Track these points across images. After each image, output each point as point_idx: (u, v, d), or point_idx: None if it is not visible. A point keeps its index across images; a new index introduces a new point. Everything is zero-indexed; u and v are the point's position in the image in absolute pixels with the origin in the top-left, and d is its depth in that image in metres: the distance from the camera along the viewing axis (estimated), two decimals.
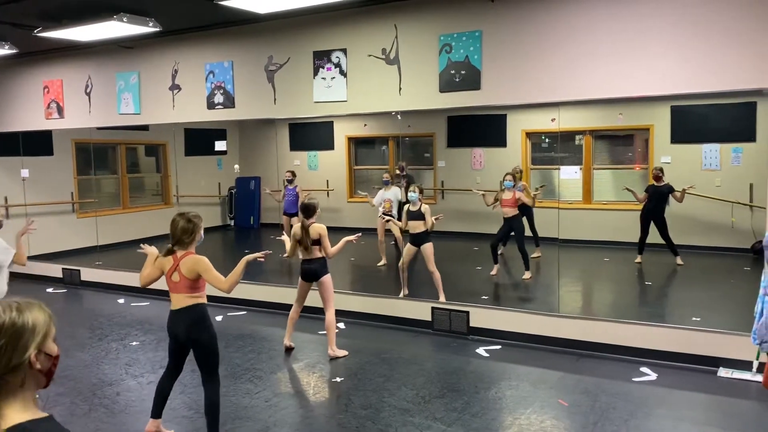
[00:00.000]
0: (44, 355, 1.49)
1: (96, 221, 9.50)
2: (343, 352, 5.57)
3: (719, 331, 5.08)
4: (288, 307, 5.82)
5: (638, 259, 8.31)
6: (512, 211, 7.67)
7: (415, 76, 6.21)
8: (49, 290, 8.62)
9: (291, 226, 9.00)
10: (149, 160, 11.89)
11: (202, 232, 3.86)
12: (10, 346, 1.43)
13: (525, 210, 7.97)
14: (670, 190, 8.03)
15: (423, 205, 6.62)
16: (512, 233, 7.76)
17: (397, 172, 9.04)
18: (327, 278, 5.52)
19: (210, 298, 3.90)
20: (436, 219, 6.51)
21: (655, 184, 8.13)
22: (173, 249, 3.80)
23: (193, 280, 3.74)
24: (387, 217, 7.53)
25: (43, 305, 1.54)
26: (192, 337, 3.76)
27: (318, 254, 5.48)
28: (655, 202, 8.09)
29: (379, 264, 8.68)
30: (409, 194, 6.70)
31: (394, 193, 8.55)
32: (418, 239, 6.61)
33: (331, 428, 4.17)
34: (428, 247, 6.56)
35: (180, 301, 3.77)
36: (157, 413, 3.95)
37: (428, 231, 6.58)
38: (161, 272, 3.87)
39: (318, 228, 5.41)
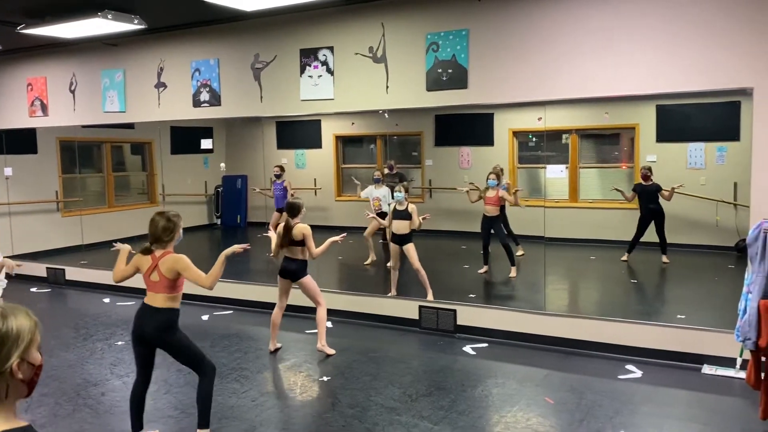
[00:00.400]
0: (27, 364, 1.43)
1: (81, 220, 9.42)
2: (331, 351, 5.55)
3: (704, 329, 5.12)
4: (274, 306, 5.80)
5: (625, 257, 8.36)
6: (495, 210, 7.71)
7: (403, 74, 6.21)
8: (33, 290, 8.53)
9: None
10: (135, 159, 11.80)
11: (181, 230, 3.80)
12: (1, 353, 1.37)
13: (501, 210, 8.01)
14: (657, 189, 8.07)
15: (410, 204, 6.62)
16: (492, 232, 7.77)
17: (386, 170, 9.02)
18: (306, 279, 5.48)
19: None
20: (423, 218, 6.51)
21: (643, 183, 8.18)
22: (151, 248, 3.74)
23: (172, 279, 3.68)
24: (371, 215, 7.54)
25: (29, 312, 1.47)
26: (162, 340, 3.72)
27: (300, 255, 5.43)
28: (648, 202, 8.12)
29: (365, 263, 8.67)
30: (395, 194, 6.69)
31: (384, 192, 8.54)
32: (401, 239, 6.61)
33: (318, 427, 4.16)
34: (410, 248, 6.57)
35: (157, 300, 3.71)
36: (137, 426, 3.87)
37: (413, 231, 6.59)
38: (136, 270, 3.80)
39: (302, 228, 5.33)
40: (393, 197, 6.85)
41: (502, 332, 5.87)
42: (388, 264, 7.75)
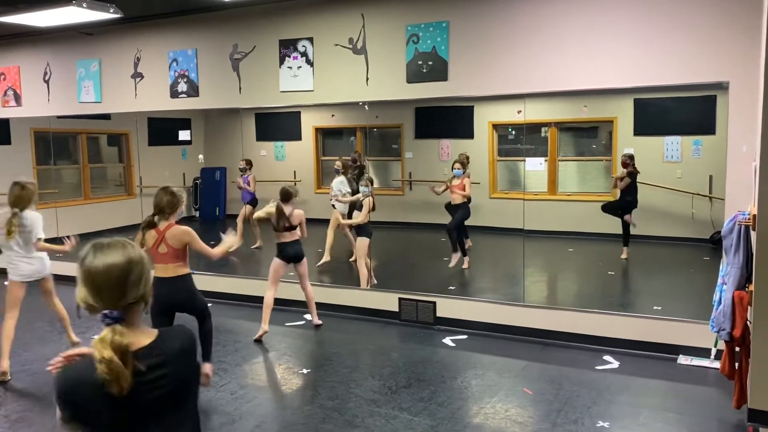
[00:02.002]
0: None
1: (56, 212, 9.26)
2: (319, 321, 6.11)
3: (679, 320, 5.19)
4: (253, 298, 5.79)
5: (624, 255, 8.27)
6: (460, 198, 7.78)
7: (383, 66, 6.18)
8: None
9: (245, 214, 9.16)
10: (111, 150, 11.62)
11: (183, 206, 4.18)
12: (144, 277, 1.63)
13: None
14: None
15: (366, 198, 6.81)
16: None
17: (350, 162, 9.07)
18: (305, 259, 5.97)
19: None
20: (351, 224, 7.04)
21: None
22: (154, 221, 4.07)
23: (180, 249, 4.04)
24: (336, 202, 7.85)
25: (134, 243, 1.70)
26: (192, 303, 4.21)
27: (297, 235, 5.79)
28: (627, 193, 8.13)
29: (351, 260, 8.55)
30: (361, 188, 6.93)
31: (341, 181, 8.68)
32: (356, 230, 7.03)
33: (297, 420, 4.15)
34: (360, 240, 6.82)
35: (169, 270, 4.07)
36: None
37: (366, 224, 6.85)
38: (143, 246, 4.09)
39: (300, 214, 5.77)
40: (357, 186, 7.08)
41: (482, 324, 5.90)
42: (352, 259, 7.90)
